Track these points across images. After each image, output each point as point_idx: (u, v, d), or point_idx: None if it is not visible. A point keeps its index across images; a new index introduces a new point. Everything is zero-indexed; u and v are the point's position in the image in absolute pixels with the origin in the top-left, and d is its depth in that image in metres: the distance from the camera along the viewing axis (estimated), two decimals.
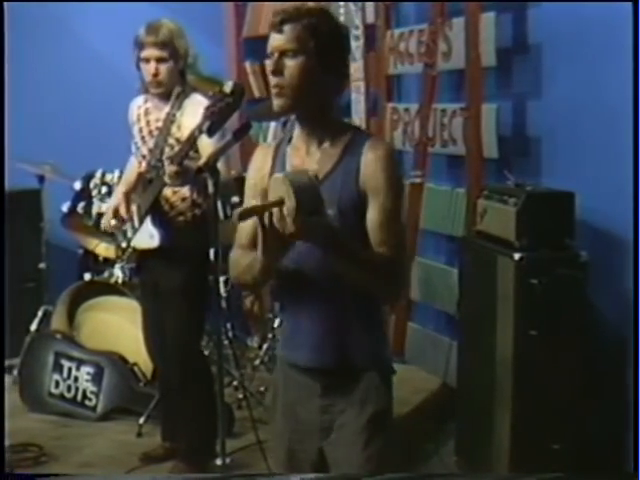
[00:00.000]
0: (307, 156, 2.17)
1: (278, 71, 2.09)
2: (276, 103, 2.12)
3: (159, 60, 3.58)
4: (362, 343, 2.17)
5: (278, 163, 2.21)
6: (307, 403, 2.22)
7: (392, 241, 2.09)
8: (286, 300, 2.26)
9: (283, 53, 2.08)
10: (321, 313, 2.15)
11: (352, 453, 2.16)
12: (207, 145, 3.29)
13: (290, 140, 2.23)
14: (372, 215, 2.09)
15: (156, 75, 3.59)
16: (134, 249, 3.77)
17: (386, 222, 2.08)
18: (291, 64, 2.08)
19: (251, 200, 2.21)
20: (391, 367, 2.27)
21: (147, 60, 3.59)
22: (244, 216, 1.97)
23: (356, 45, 4.89)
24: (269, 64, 2.11)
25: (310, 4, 2.15)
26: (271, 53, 2.11)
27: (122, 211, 3.70)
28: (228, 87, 2.78)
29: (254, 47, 5.63)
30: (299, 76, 2.08)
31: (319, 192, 1.93)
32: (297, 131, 2.21)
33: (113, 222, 3.75)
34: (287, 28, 2.08)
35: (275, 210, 1.93)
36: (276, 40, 2.10)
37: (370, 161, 2.09)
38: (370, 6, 4.89)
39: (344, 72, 2.21)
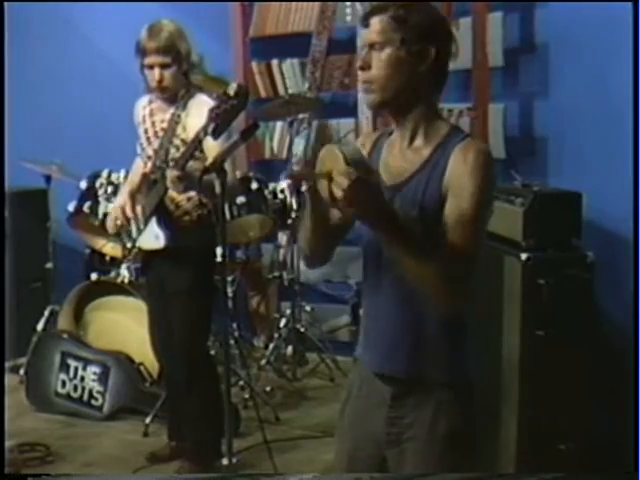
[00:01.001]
0: (399, 153, 2.04)
1: (365, 65, 1.99)
2: (366, 99, 2.02)
3: (163, 66, 3.56)
4: (439, 356, 2.05)
5: (374, 155, 2.09)
6: (375, 412, 2.10)
7: (463, 246, 1.93)
8: (365, 295, 2.15)
9: (371, 47, 1.98)
10: (399, 317, 2.03)
11: (424, 468, 2.05)
12: (212, 147, 3.29)
13: (390, 135, 2.11)
14: (447, 218, 1.93)
15: (161, 81, 3.58)
16: (139, 249, 3.77)
17: (462, 226, 1.91)
18: (377, 56, 1.97)
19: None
20: (471, 385, 2.13)
21: (150, 67, 3.58)
22: (293, 177, 1.87)
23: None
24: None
25: None
26: (362, 49, 2.04)
27: (127, 211, 3.70)
28: (232, 89, 2.77)
29: (260, 47, 5.63)
30: (386, 68, 1.96)
31: (370, 164, 1.82)
32: (394, 127, 2.08)
33: (118, 222, 3.75)
34: (373, 21, 1.98)
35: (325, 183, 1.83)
36: (364, 35, 2.00)
37: (458, 162, 1.93)
38: None
39: (441, 66, 2.02)
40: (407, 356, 2.04)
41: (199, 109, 3.39)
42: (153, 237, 3.64)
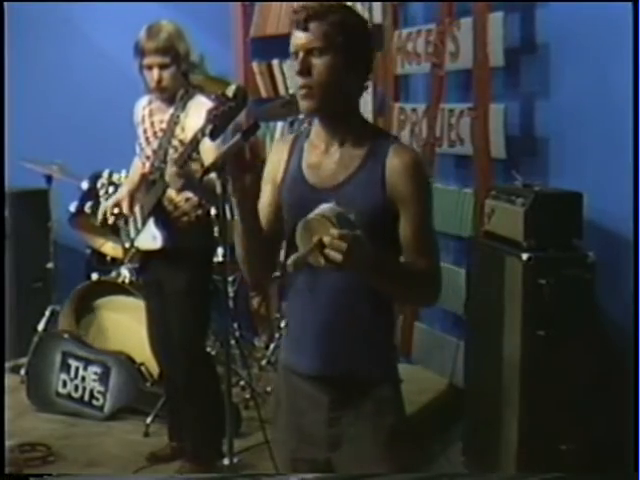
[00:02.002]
0: (325, 155, 2.07)
1: (306, 71, 1.98)
2: (304, 104, 2.02)
3: (162, 67, 3.56)
4: (373, 352, 2.07)
5: (294, 157, 2.12)
6: (313, 415, 2.10)
7: (427, 250, 2.05)
8: (292, 299, 2.15)
9: (309, 52, 1.98)
10: (329, 317, 2.04)
11: (371, 466, 2.05)
12: (209, 148, 3.29)
13: (308, 135, 2.13)
14: (405, 226, 2.02)
15: (160, 82, 3.58)
16: (137, 249, 3.78)
17: (419, 231, 2.03)
18: (319, 63, 1.98)
19: (267, 185, 2.16)
20: (399, 377, 2.17)
21: (150, 67, 3.58)
22: (298, 265, 1.87)
23: None
24: (295, 64, 2.00)
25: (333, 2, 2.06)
26: (295, 52, 2.00)
27: (124, 207, 3.70)
28: (230, 91, 2.77)
29: (261, 47, 5.63)
30: (328, 75, 1.98)
31: (350, 217, 1.85)
32: (317, 128, 2.10)
33: (112, 217, 3.75)
34: (313, 25, 1.97)
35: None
36: (301, 38, 1.99)
37: (397, 168, 2.00)
38: (378, 6, 4.88)
39: (369, 69, 2.08)
40: (342, 356, 2.06)
41: (198, 110, 3.39)
42: (151, 237, 3.64)
